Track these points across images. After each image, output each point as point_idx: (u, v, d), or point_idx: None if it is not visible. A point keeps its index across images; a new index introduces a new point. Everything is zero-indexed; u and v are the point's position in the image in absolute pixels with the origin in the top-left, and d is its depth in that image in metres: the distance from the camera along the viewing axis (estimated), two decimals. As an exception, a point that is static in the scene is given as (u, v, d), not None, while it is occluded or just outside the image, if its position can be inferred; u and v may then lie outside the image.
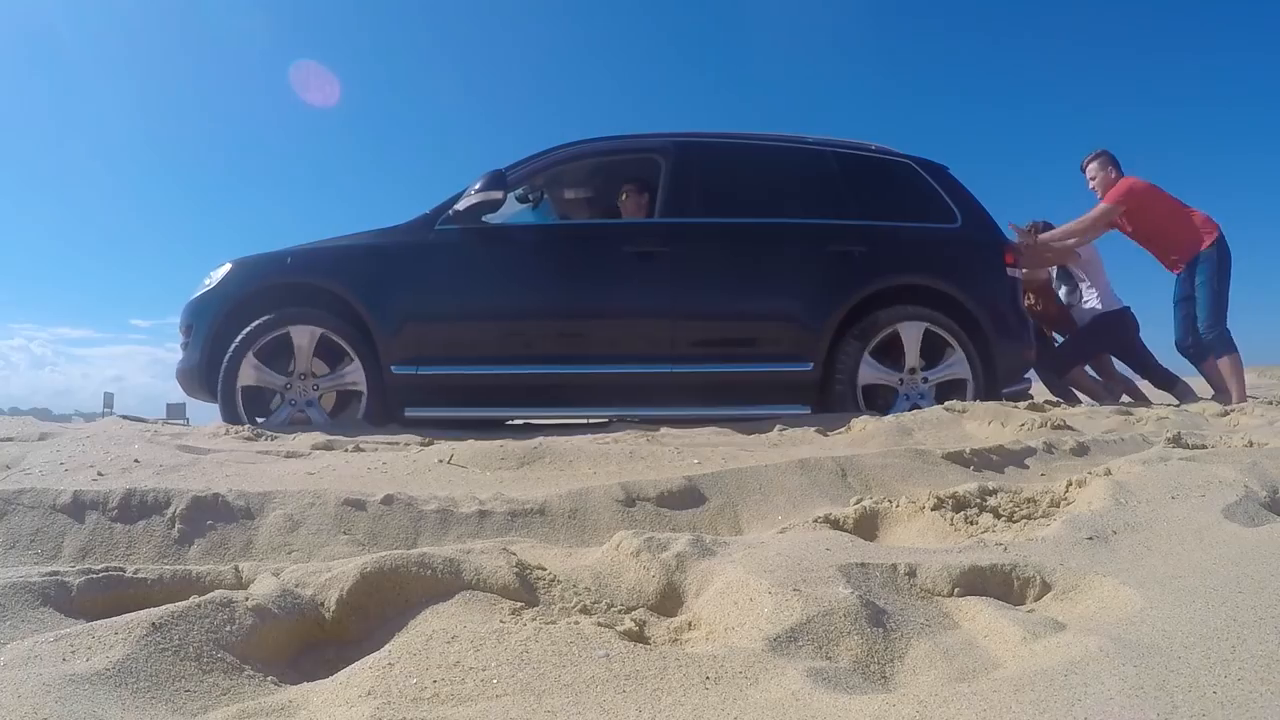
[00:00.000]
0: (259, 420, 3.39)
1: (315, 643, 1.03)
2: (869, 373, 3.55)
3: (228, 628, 0.93)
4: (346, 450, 2.46)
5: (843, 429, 2.94)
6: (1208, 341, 4.50)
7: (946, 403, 3.20)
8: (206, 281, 3.55)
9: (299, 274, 3.45)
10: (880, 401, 3.61)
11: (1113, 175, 4.67)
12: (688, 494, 1.73)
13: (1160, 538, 1.27)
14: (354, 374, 3.38)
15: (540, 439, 2.34)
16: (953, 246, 3.80)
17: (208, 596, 0.98)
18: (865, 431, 2.82)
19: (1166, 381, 4.84)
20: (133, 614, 0.93)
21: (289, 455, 2.32)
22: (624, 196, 4.00)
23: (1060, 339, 5.07)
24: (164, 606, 0.95)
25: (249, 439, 2.75)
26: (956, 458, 2.12)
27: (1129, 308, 4.84)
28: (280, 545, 1.44)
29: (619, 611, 1.08)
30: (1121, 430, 2.84)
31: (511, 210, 4.11)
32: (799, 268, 3.64)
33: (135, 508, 1.49)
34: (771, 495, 1.77)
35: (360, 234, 3.59)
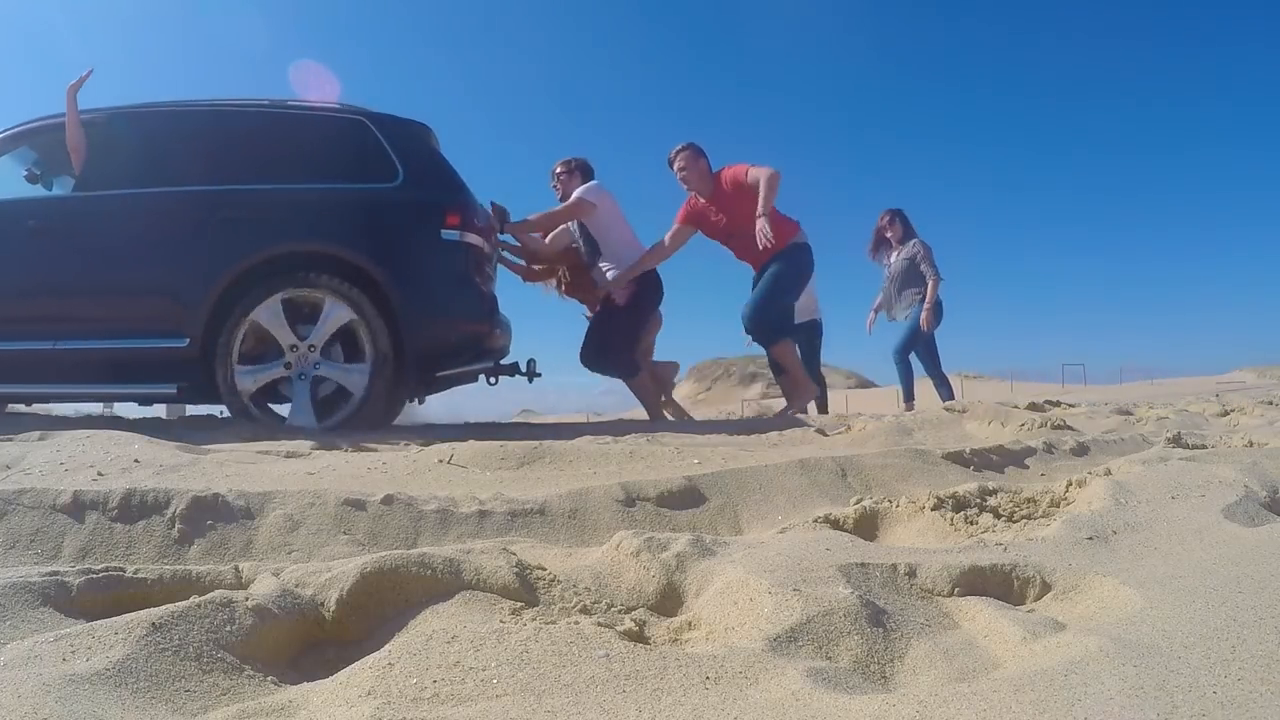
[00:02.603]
0: None
1: (315, 643, 1.03)
2: (254, 350, 3.41)
3: (228, 628, 0.93)
4: (346, 450, 2.46)
5: (842, 429, 2.94)
6: (759, 326, 4.45)
7: (946, 403, 3.20)
8: None
9: None
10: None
11: (705, 166, 4.52)
12: (688, 494, 1.73)
13: (1160, 538, 1.27)
14: None
15: (540, 439, 2.34)
16: (369, 209, 3.51)
17: (208, 596, 0.98)
18: (865, 431, 2.82)
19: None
20: (133, 614, 0.93)
21: (289, 455, 2.32)
22: None
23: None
24: (164, 606, 0.95)
25: (249, 439, 2.75)
26: (956, 458, 2.13)
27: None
28: (280, 545, 1.44)
29: (619, 611, 1.08)
30: (1121, 430, 2.84)
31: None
32: (178, 239, 3.46)
33: (135, 508, 1.49)
34: (771, 495, 1.77)
35: None
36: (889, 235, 5.90)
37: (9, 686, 0.76)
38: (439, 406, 4.74)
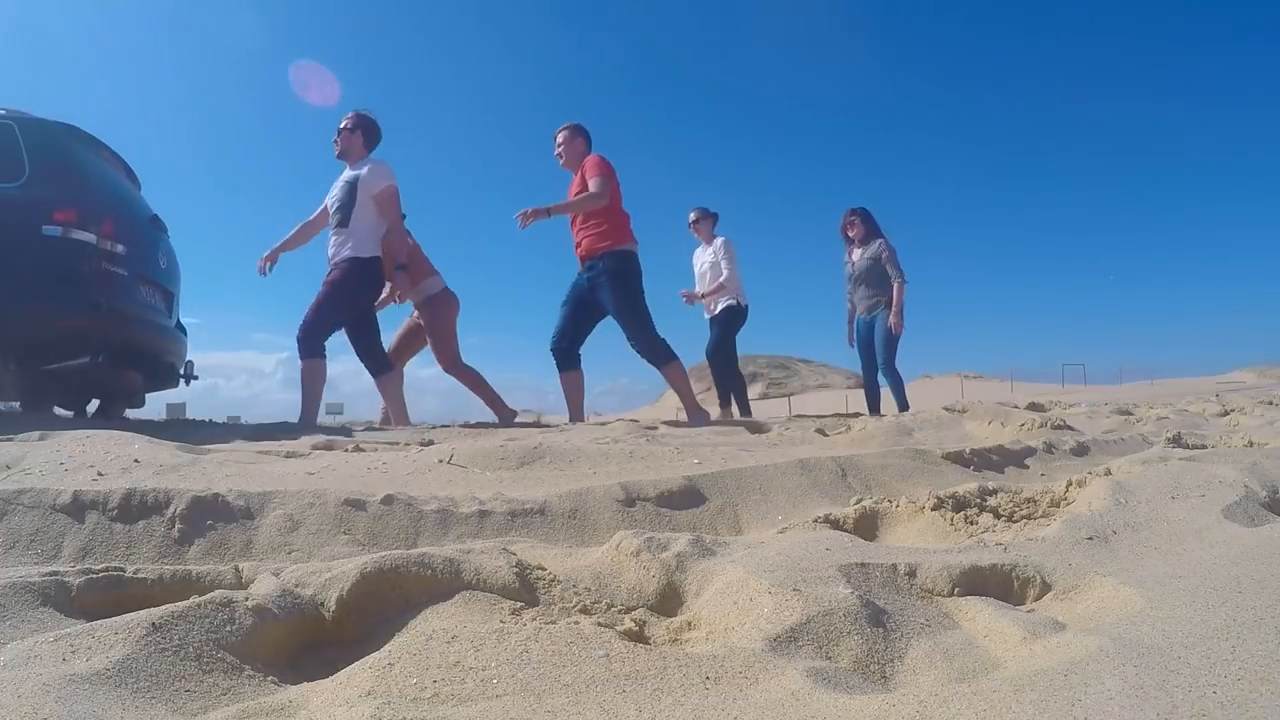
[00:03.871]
0: None
1: (315, 643, 1.03)
2: None
3: (228, 628, 0.93)
4: (346, 450, 2.46)
5: (842, 429, 2.94)
6: (646, 354, 4.26)
7: (946, 403, 3.21)
8: None
9: None
10: None
11: (580, 146, 4.43)
12: (688, 494, 1.73)
13: (1160, 538, 1.27)
14: None
15: (540, 439, 2.34)
16: None
17: (208, 596, 0.98)
18: (865, 431, 2.82)
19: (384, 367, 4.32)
20: (133, 614, 0.93)
21: (289, 455, 2.32)
22: None
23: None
24: (164, 606, 0.95)
25: (249, 438, 2.75)
26: (956, 458, 2.13)
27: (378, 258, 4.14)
28: (280, 545, 1.44)
29: (619, 611, 1.08)
30: (1121, 430, 2.84)
31: None
32: None
33: (135, 508, 1.49)
34: (771, 495, 1.77)
35: None
36: (851, 234, 5.87)
37: (9, 686, 0.76)
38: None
